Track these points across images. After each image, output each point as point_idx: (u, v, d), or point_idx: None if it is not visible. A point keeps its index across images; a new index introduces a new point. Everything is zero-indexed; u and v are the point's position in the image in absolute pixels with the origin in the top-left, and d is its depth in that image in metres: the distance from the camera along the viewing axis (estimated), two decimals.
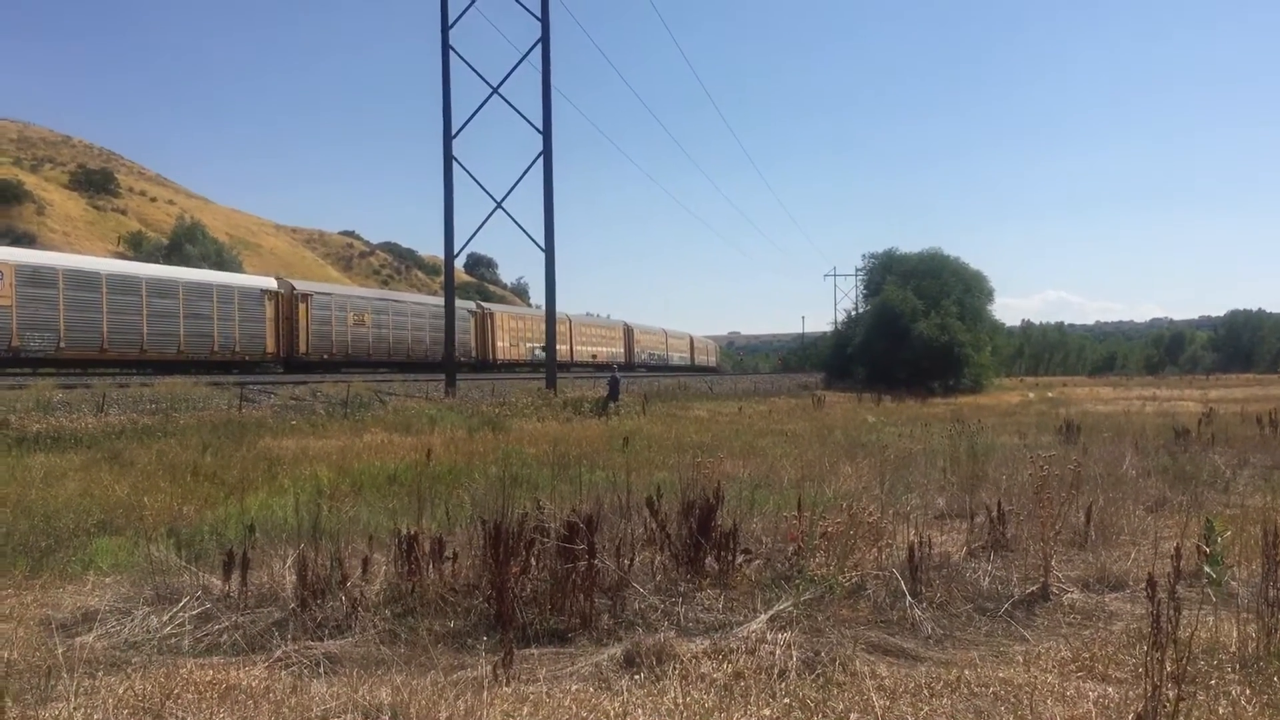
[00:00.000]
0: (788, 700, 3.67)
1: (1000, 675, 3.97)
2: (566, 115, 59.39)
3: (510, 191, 28.06)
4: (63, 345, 24.94)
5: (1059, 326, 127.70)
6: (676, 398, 29.27)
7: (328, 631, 4.53)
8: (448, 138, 26.94)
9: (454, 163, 27.02)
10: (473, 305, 42.37)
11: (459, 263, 41.13)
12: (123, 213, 75.02)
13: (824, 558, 5.39)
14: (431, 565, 4.94)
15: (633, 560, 5.08)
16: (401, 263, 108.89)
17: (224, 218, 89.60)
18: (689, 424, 19.41)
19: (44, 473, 9.85)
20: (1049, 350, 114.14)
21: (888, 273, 53.61)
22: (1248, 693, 3.66)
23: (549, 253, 27.21)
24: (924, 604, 4.91)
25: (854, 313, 62.35)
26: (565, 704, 3.65)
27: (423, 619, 4.63)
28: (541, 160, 27.02)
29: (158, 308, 27.53)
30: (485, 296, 74.12)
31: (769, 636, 4.33)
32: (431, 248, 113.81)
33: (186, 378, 22.46)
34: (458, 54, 26.77)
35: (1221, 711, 3.50)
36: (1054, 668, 4.09)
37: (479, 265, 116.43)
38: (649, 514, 5.46)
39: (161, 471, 10.09)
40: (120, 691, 3.78)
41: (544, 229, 27.23)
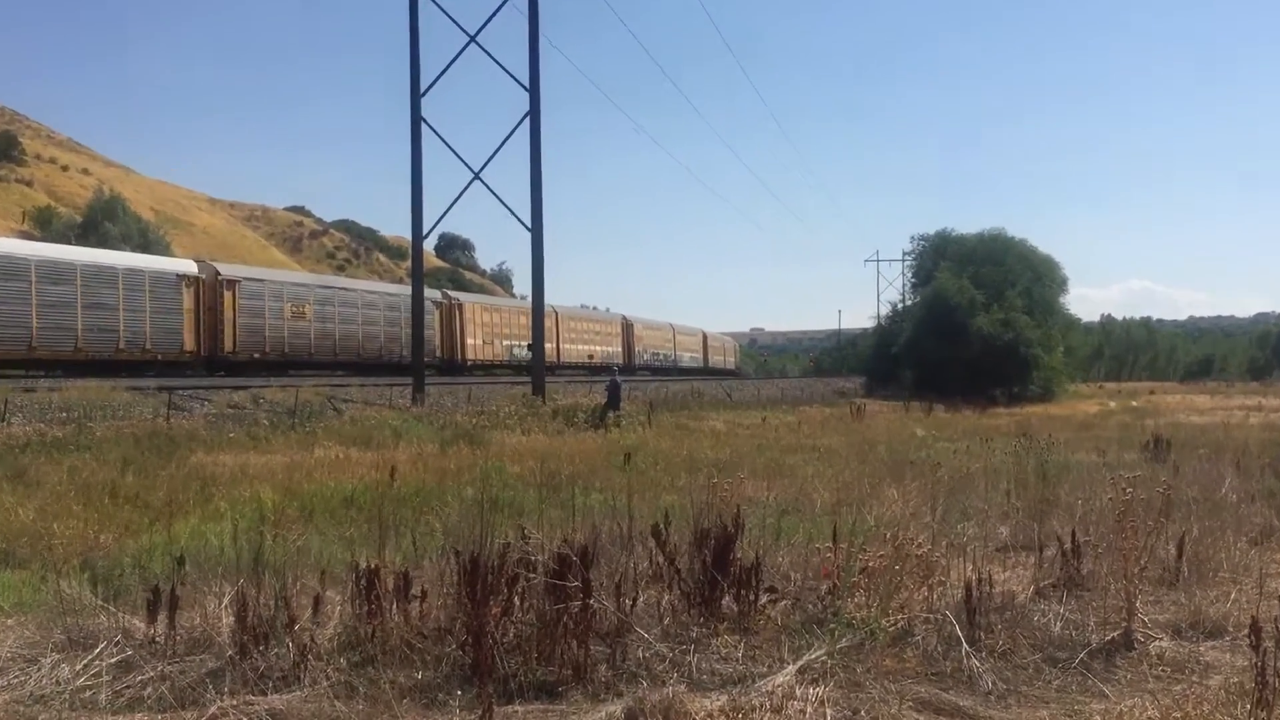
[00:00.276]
0: None
1: None
2: (557, 69, 59.68)
3: (490, 160, 28.22)
4: None
5: (1145, 322, 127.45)
6: (688, 406, 29.33)
7: (271, 683, 4.53)
8: (415, 95, 27.03)
9: (423, 125, 27.13)
10: (438, 295, 42.31)
11: (429, 244, 41.39)
12: (28, 184, 75.21)
13: (864, 597, 5.40)
14: (395, 605, 4.95)
15: (635, 600, 5.09)
16: (360, 244, 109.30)
17: (149, 191, 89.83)
18: (703, 438, 19.41)
19: None
20: (1133, 351, 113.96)
21: (941, 257, 53.68)
22: None
23: (536, 233, 27.30)
24: (983, 653, 4.92)
25: (900, 305, 62.40)
26: None
27: (385, 669, 4.64)
28: (528, 123, 27.13)
29: (50, 296, 26.87)
30: (460, 285, 74.29)
31: (798, 692, 4.33)
32: (396, 227, 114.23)
33: (101, 381, 22.45)
34: None
35: None
36: None
37: (453, 248, 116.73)
38: (655, 545, 5.47)
39: (74, 492, 10.10)
40: None
41: (530, 205, 27.37)
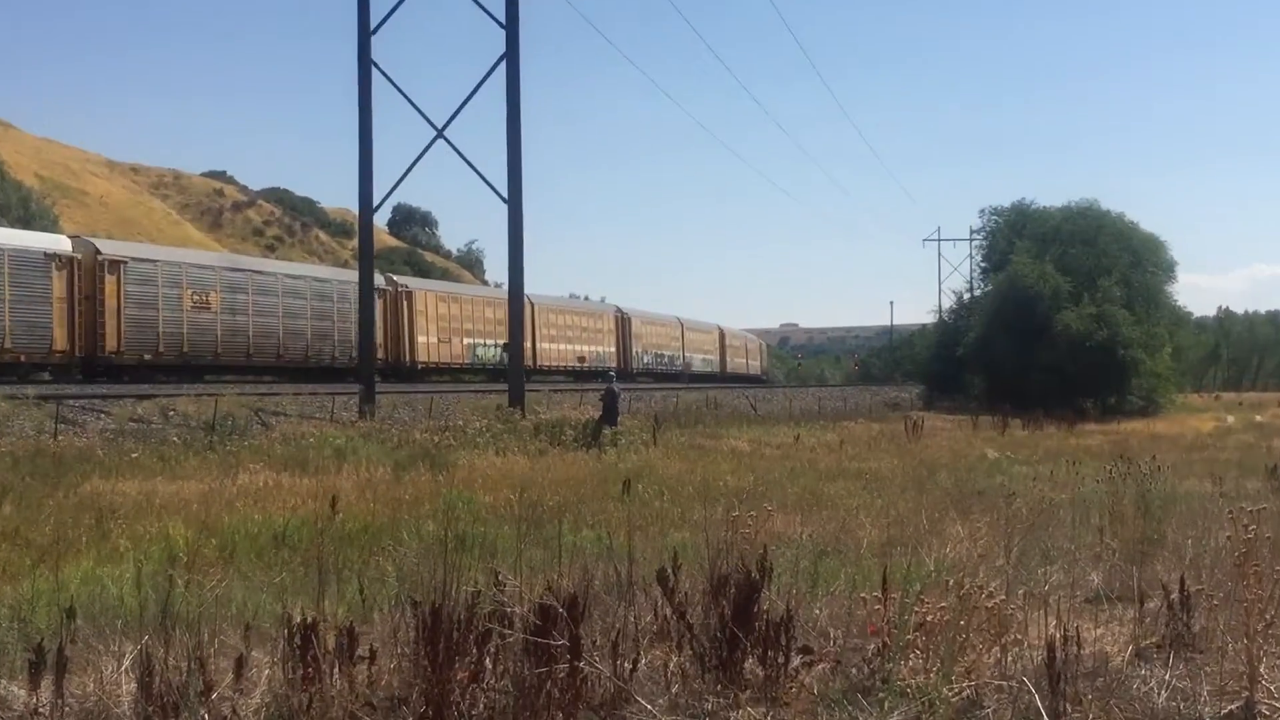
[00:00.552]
0: None
1: None
2: (541, 2, 59.64)
3: (457, 114, 28.24)
4: None
5: (1272, 318, 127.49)
6: (702, 420, 29.35)
7: None
8: (364, 33, 27.07)
9: (374, 70, 27.14)
10: (381, 280, 41.94)
11: (380, 219, 41.33)
12: None
13: (921, 660, 5.39)
14: (338, 668, 4.94)
15: (636, 662, 5.09)
16: (295, 218, 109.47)
17: (34, 152, 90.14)
18: (720, 459, 19.41)
19: None
20: (1257, 352, 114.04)
21: (1018, 236, 53.57)
22: None
23: (514, 205, 27.31)
24: None
25: (967, 296, 62.53)
26: None
27: None
28: (504, 68, 27.14)
29: None
30: (420, 269, 74.45)
31: None
32: (340, 198, 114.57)
33: None
34: None
35: None
36: None
37: (410, 223, 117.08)
38: (661, 594, 5.46)
39: None
40: None
41: (507, 171, 27.36)
